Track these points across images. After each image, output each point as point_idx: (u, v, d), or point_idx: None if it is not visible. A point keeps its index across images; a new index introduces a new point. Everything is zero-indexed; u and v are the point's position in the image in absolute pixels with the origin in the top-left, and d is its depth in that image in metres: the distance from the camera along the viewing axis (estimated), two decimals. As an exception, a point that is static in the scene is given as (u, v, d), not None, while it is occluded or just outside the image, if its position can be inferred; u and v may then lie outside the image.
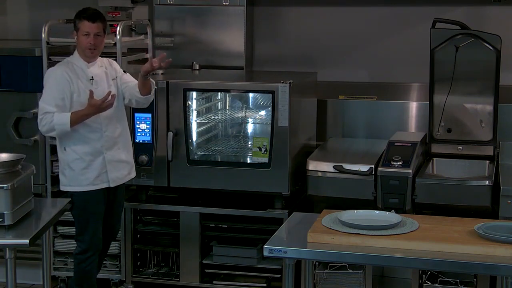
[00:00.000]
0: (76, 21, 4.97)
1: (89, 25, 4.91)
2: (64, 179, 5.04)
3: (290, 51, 6.30)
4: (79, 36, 4.95)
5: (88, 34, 4.92)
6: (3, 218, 4.05)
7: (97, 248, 5.15)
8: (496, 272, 3.89)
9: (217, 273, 5.64)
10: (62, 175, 5.05)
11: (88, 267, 5.13)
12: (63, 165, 5.04)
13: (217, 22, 6.17)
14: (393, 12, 6.11)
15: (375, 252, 3.83)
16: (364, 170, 5.19)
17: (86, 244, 5.09)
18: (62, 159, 5.04)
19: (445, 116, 5.50)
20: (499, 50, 5.31)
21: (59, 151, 5.05)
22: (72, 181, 5.01)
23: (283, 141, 5.36)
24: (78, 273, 5.18)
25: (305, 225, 4.13)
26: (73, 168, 4.99)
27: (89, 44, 4.93)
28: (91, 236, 5.09)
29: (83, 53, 4.99)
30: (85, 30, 4.91)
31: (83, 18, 4.92)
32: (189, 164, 5.52)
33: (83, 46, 4.96)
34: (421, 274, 5.04)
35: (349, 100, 6.09)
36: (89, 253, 5.11)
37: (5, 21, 6.77)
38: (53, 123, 4.85)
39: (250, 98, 5.99)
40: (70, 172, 5.00)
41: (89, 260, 5.12)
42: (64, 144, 4.99)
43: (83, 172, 4.99)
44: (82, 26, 4.92)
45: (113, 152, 5.06)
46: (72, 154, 4.98)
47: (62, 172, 5.06)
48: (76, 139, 4.96)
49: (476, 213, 4.76)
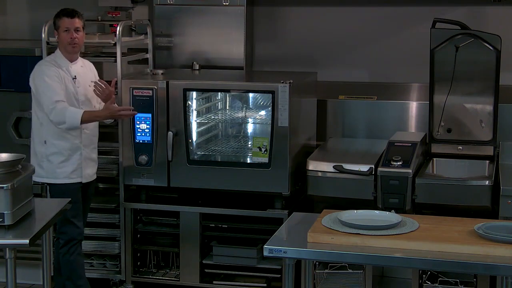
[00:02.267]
0: (55, 20, 5.17)
1: (69, 21, 5.12)
2: (42, 171, 5.16)
3: (290, 51, 6.30)
4: (60, 33, 5.15)
5: (68, 29, 5.12)
6: (3, 218, 4.05)
7: (80, 238, 5.31)
8: (496, 272, 3.88)
9: (217, 273, 5.64)
10: (39, 167, 5.16)
11: (72, 257, 5.26)
12: (40, 157, 5.18)
13: (217, 22, 6.17)
14: (393, 12, 6.11)
15: (375, 252, 3.83)
16: (364, 170, 5.19)
17: (68, 236, 5.23)
18: (40, 151, 5.18)
19: (445, 116, 5.50)
20: (499, 50, 5.31)
21: (38, 144, 5.19)
22: (50, 173, 5.17)
23: (283, 141, 5.36)
24: (65, 266, 5.28)
25: (305, 225, 4.13)
26: (51, 161, 5.16)
27: (70, 39, 5.13)
28: (77, 229, 5.25)
29: (65, 49, 5.17)
30: (65, 26, 5.12)
31: (62, 16, 5.14)
32: (189, 164, 5.52)
33: (64, 42, 5.15)
34: (421, 274, 5.04)
35: (349, 100, 6.09)
36: (71, 243, 5.24)
37: (5, 21, 6.77)
38: (66, 111, 5.01)
39: (250, 98, 5.98)
40: (48, 165, 5.16)
41: (72, 249, 5.25)
42: (45, 137, 5.14)
43: (61, 165, 5.17)
44: (62, 23, 5.13)
45: (89, 150, 5.29)
46: (52, 148, 5.15)
47: (39, 164, 5.17)
48: (57, 133, 5.14)
49: (476, 213, 4.76)
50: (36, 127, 5.19)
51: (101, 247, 5.84)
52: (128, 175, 5.65)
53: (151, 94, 5.50)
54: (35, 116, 5.18)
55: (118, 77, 5.58)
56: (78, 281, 5.32)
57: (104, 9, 6.16)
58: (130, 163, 5.61)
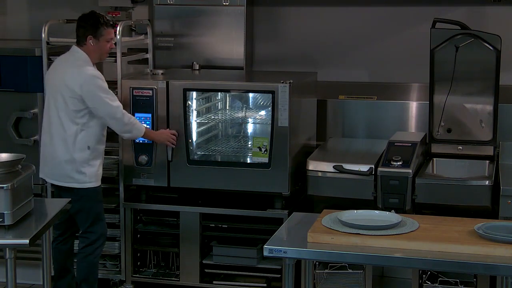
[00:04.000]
0: (99, 27, 5.14)
1: (112, 32, 5.23)
2: (82, 177, 5.17)
3: (290, 51, 6.30)
4: (101, 42, 5.17)
5: (110, 40, 5.21)
6: (3, 218, 4.05)
7: (105, 237, 5.36)
8: (496, 272, 3.88)
9: (217, 273, 5.65)
10: (78, 173, 5.15)
11: (96, 259, 5.30)
12: (80, 163, 5.16)
13: (217, 22, 6.17)
14: (393, 12, 6.11)
15: (375, 252, 3.83)
16: (364, 170, 5.19)
17: (97, 234, 5.27)
18: (81, 157, 5.16)
19: (445, 116, 5.50)
20: (499, 50, 5.31)
21: (78, 151, 5.14)
22: (93, 177, 5.21)
23: (283, 141, 5.36)
24: (84, 268, 5.27)
25: (305, 225, 4.13)
26: (93, 165, 5.20)
27: (110, 50, 5.24)
28: (104, 226, 5.33)
29: (100, 58, 5.27)
30: (109, 37, 5.19)
31: (109, 26, 5.18)
32: (189, 164, 5.52)
33: (104, 51, 5.23)
34: (421, 274, 5.04)
35: (349, 100, 6.09)
36: (97, 243, 5.28)
37: (5, 21, 6.77)
38: (134, 127, 5.22)
39: (250, 98, 5.98)
40: (90, 169, 5.19)
41: (97, 251, 5.29)
42: (88, 143, 5.17)
43: (99, 167, 5.27)
44: (108, 33, 5.18)
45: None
46: (94, 153, 5.20)
47: (77, 170, 5.15)
48: (98, 138, 5.23)
49: (476, 213, 4.76)
50: (74, 134, 5.12)
51: (101, 247, 5.84)
52: (128, 175, 5.65)
53: (151, 94, 5.50)
54: (71, 123, 5.11)
55: (118, 77, 5.58)
56: (94, 284, 5.32)
57: (104, 9, 6.16)
58: (130, 163, 5.61)
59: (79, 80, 5.07)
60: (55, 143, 5.16)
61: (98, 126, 5.18)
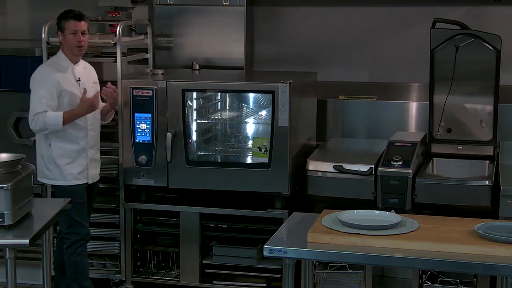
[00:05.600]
0: (61, 21, 5.16)
1: (76, 24, 5.13)
2: (49, 173, 5.20)
3: (290, 51, 6.30)
4: (66, 36, 5.15)
5: (75, 32, 5.13)
6: (3, 218, 4.05)
7: (87, 238, 5.33)
8: (496, 272, 3.88)
9: (217, 273, 5.64)
10: (46, 170, 5.20)
11: (78, 258, 5.27)
12: (47, 160, 5.19)
13: (217, 22, 6.17)
14: (393, 12, 6.11)
15: (375, 252, 3.83)
16: (364, 170, 5.19)
17: (78, 236, 5.24)
18: (46, 155, 5.19)
19: (445, 116, 5.50)
20: (499, 50, 5.31)
21: (43, 147, 5.20)
22: (58, 175, 5.19)
23: (283, 141, 5.36)
24: (71, 268, 5.28)
25: (305, 225, 4.13)
26: (58, 164, 5.17)
27: (77, 42, 5.13)
28: (84, 228, 5.28)
29: (71, 52, 5.18)
30: (72, 29, 5.12)
31: (69, 18, 5.13)
32: (188, 165, 5.52)
33: (71, 45, 5.14)
34: (421, 274, 5.04)
35: (349, 100, 6.09)
36: (78, 244, 5.25)
37: (5, 21, 6.77)
38: (46, 122, 5.03)
39: (250, 98, 5.98)
40: (55, 167, 5.18)
41: (79, 251, 5.26)
42: (49, 140, 5.16)
43: (68, 167, 5.18)
44: (69, 25, 5.13)
45: (93, 151, 5.32)
46: (57, 151, 5.17)
47: (45, 166, 5.20)
48: (62, 136, 5.15)
49: (476, 213, 4.76)
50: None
51: (101, 247, 5.84)
52: (128, 175, 5.64)
53: (151, 94, 5.50)
54: None
55: (118, 77, 5.58)
56: (84, 282, 5.32)
57: (104, 9, 6.16)
58: (130, 163, 5.61)
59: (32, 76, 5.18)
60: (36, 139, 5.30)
61: None
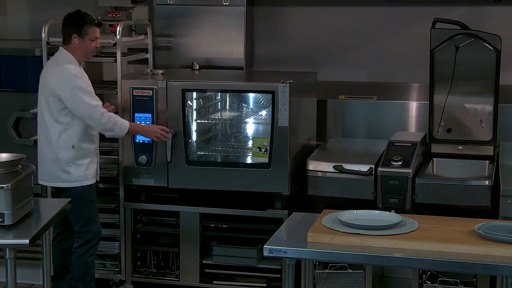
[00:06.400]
0: (84, 26, 5.13)
1: (97, 31, 5.21)
2: (68, 176, 5.15)
3: (290, 51, 6.30)
4: (86, 41, 5.15)
5: (95, 39, 5.17)
6: (3, 218, 4.05)
7: (99, 236, 5.33)
8: (496, 272, 3.89)
9: (217, 273, 5.64)
10: (64, 173, 5.14)
11: (90, 258, 5.27)
12: (66, 163, 5.14)
13: (217, 22, 6.17)
14: (393, 12, 6.11)
15: (375, 252, 3.83)
16: (364, 170, 5.19)
17: (92, 234, 5.25)
18: (66, 157, 5.13)
19: (445, 116, 5.50)
20: (499, 50, 5.31)
21: (62, 150, 5.13)
22: (79, 176, 5.17)
23: (283, 141, 5.36)
24: (79, 267, 5.26)
25: (305, 225, 4.13)
26: (79, 165, 5.15)
27: (95, 48, 5.20)
28: (98, 225, 5.30)
29: (85, 55, 5.21)
30: (94, 36, 5.17)
31: (93, 24, 5.16)
32: (188, 165, 5.51)
33: (89, 50, 5.18)
34: (421, 274, 5.04)
35: (349, 100, 6.09)
36: (92, 243, 5.26)
37: (5, 21, 6.77)
38: (116, 125, 5.15)
39: (250, 98, 5.98)
40: (76, 168, 5.15)
41: (91, 251, 5.27)
42: (73, 142, 5.13)
43: (88, 167, 5.19)
44: (92, 32, 5.16)
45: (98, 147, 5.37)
46: (79, 152, 5.15)
47: (63, 170, 5.14)
48: (84, 137, 5.16)
49: (476, 213, 4.76)
50: (58, 133, 5.11)
51: (101, 247, 5.81)
52: (128, 175, 5.64)
53: (151, 94, 5.50)
54: (54, 122, 5.11)
55: (118, 77, 5.58)
56: (91, 282, 5.31)
57: (104, 9, 6.16)
58: (130, 163, 5.61)
59: (57, 79, 5.08)
60: (41, 143, 5.22)
61: (83, 124, 5.13)
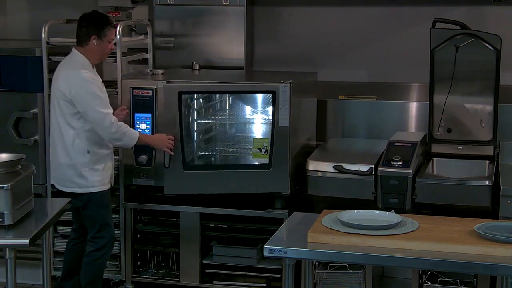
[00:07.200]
0: (105, 28, 5.08)
1: (114, 32, 5.18)
2: (85, 181, 5.09)
3: (290, 51, 6.30)
4: (105, 43, 5.10)
5: (112, 41, 5.15)
6: (3, 218, 4.06)
7: (113, 241, 5.32)
8: (496, 272, 3.89)
9: (217, 273, 5.64)
10: (80, 178, 5.09)
11: (104, 262, 5.28)
12: (81, 167, 5.08)
13: (217, 22, 6.17)
14: (393, 12, 6.11)
15: (375, 252, 3.83)
16: (364, 170, 5.19)
17: (106, 239, 5.22)
18: (81, 161, 5.07)
19: (445, 116, 5.50)
20: (499, 50, 5.31)
21: (77, 155, 5.07)
22: (95, 182, 5.11)
23: (283, 141, 5.35)
24: (91, 271, 5.24)
25: (305, 225, 4.13)
26: (95, 170, 5.10)
27: (110, 51, 5.19)
28: (112, 229, 5.27)
29: (101, 57, 5.20)
30: (112, 38, 5.15)
31: (113, 27, 5.13)
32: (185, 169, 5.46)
33: (106, 52, 5.16)
34: (421, 274, 5.04)
35: (349, 100, 6.09)
36: (106, 248, 5.24)
37: (5, 21, 6.77)
38: (125, 135, 5.07)
39: (250, 98, 5.98)
40: (92, 174, 5.10)
41: (105, 256, 5.26)
42: (88, 147, 5.08)
43: (104, 172, 5.16)
44: (111, 33, 5.13)
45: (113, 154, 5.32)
46: (95, 157, 5.10)
47: (78, 175, 5.09)
48: (99, 142, 5.10)
49: (476, 213, 4.76)
50: (72, 138, 5.06)
51: (101, 247, 5.84)
52: (128, 175, 5.64)
53: (151, 94, 5.49)
54: (68, 126, 5.05)
55: (118, 77, 5.58)
56: (99, 286, 5.30)
57: (104, 9, 6.15)
58: (130, 163, 5.61)
59: (70, 83, 5.00)
60: (56, 147, 5.16)
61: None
